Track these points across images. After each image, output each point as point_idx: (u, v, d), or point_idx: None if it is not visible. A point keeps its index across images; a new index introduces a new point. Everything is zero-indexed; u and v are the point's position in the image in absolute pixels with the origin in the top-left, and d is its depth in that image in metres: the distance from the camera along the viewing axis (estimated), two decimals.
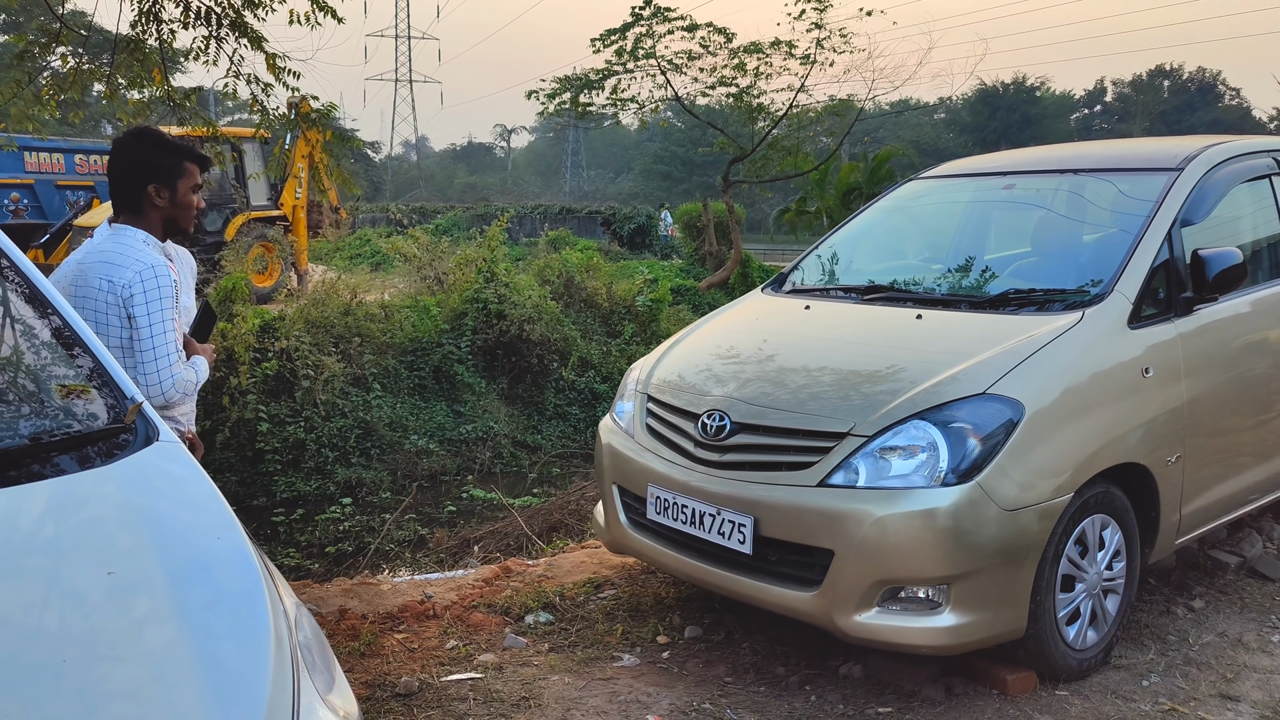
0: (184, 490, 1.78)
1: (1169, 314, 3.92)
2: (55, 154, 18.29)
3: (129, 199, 3.02)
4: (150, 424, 1.90)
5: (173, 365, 2.81)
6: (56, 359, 1.95)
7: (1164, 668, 3.76)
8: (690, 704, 3.54)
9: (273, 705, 1.42)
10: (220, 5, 8.05)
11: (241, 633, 1.50)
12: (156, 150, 3.03)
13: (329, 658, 1.72)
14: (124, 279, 2.80)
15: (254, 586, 1.57)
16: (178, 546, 1.62)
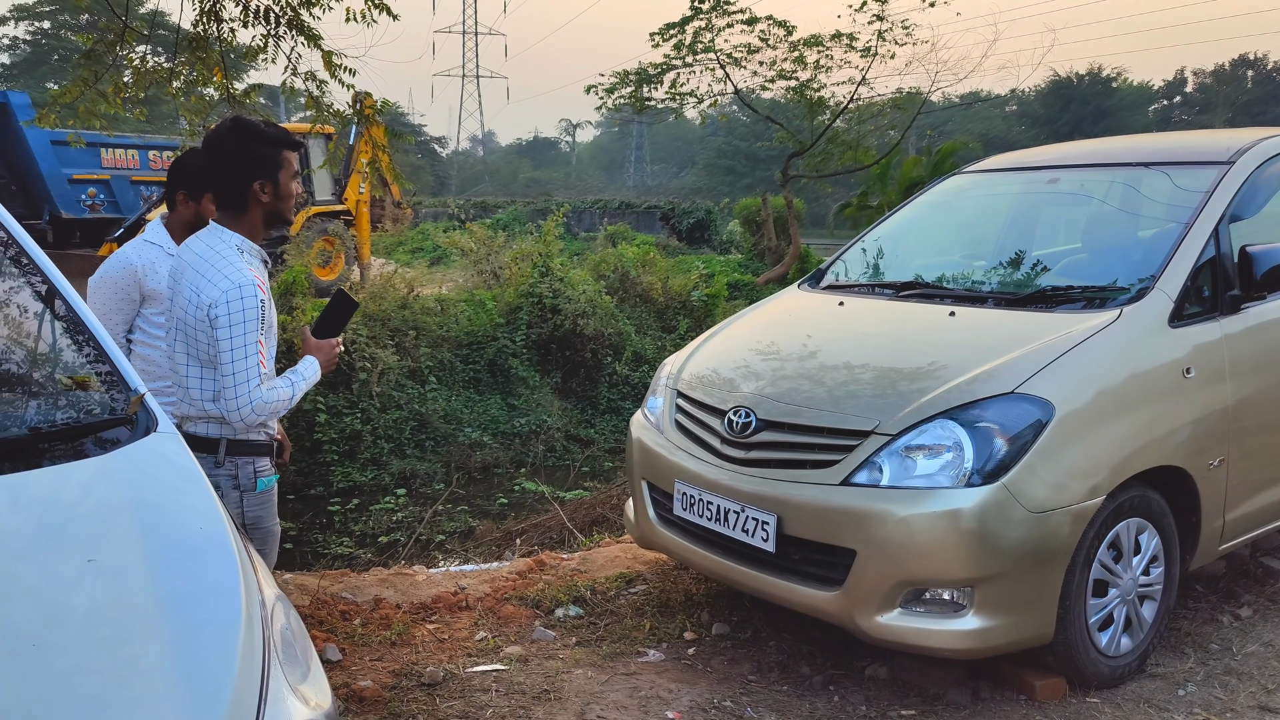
0: (173, 481, 1.84)
1: (1214, 312, 3.79)
2: (130, 150, 18.83)
3: (232, 197, 2.88)
4: (151, 415, 1.96)
5: (252, 391, 2.70)
6: (64, 350, 2.02)
7: (1202, 677, 3.65)
8: (711, 701, 3.53)
9: (238, 692, 1.46)
10: (279, 4, 8.19)
11: (213, 621, 1.54)
12: (255, 144, 2.86)
13: (307, 649, 1.75)
14: (210, 297, 2.69)
15: (230, 576, 1.61)
16: (160, 536, 1.67)
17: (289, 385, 2.82)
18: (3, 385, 1.93)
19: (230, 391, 2.68)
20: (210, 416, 2.77)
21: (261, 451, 2.85)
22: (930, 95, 18.72)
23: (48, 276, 2.13)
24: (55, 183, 17.32)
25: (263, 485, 2.84)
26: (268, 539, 2.89)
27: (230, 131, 2.84)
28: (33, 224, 17.25)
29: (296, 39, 8.27)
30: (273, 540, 2.91)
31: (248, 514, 2.83)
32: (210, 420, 2.78)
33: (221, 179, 2.87)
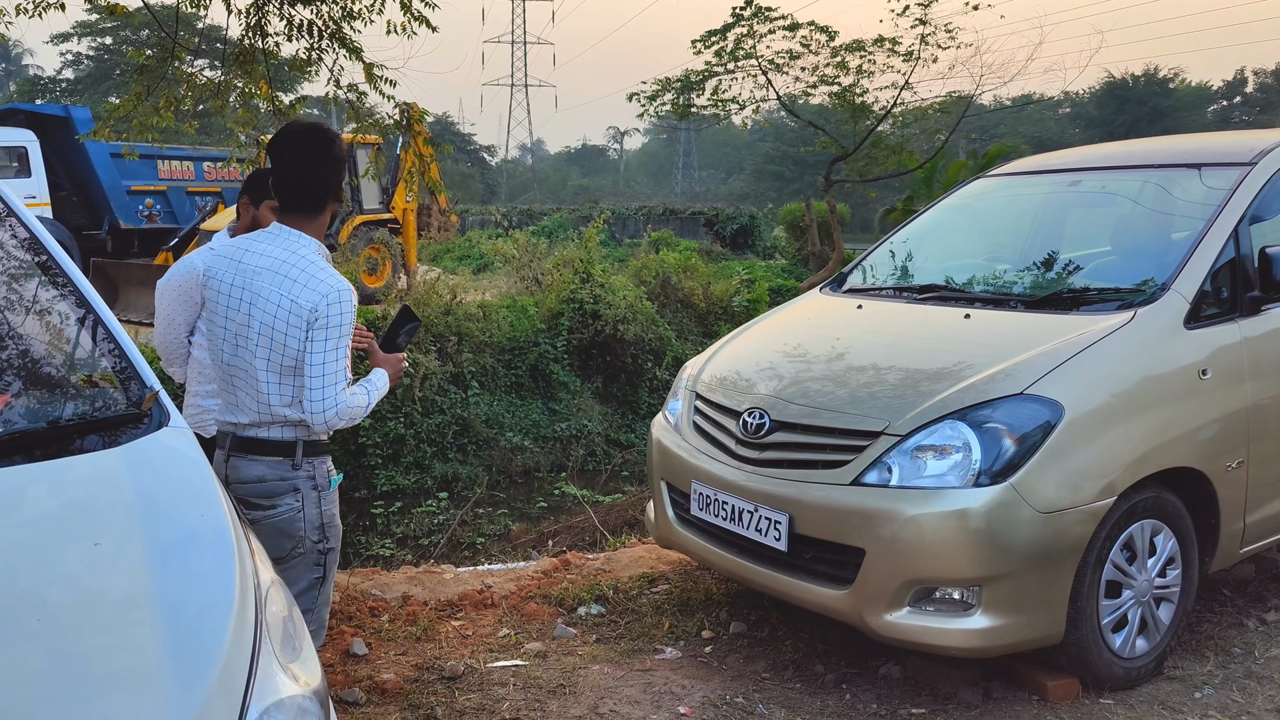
0: (180, 472, 1.95)
1: (1233, 314, 3.77)
2: (186, 162, 19.35)
3: (314, 200, 2.82)
4: (164, 411, 2.08)
5: (338, 395, 2.71)
6: (84, 349, 2.15)
7: (1221, 680, 3.63)
8: (723, 697, 3.59)
9: (228, 665, 1.56)
10: (321, 19, 8.40)
11: (207, 600, 1.65)
12: (335, 149, 2.83)
13: (301, 631, 1.86)
14: (310, 300, 2.66)
15: (226, 560, 1.72)
16: (163, 522, 1.78)
17: (365, 393, 2.84)
18: (26, 381, 2.06)
19: (318, 394, 2.68)
20: (287, 421, 2.76)
21: (329, 451, 2.91)
22: (978, 98, 18.59)
23: (72, 280, 2.27)
24: (115, 194, 17.87)
25: (334, 483, 2.90)
26: (339, 536, 2.93)
27: (325, 133, 2.83)
28: (92, 234, 17.80)
29: (339, 52, 8.47)
30: (340, 535, 2.96)
31: (325, 512, 2.86)
32: (286, 424, 2.77)
33: (302, 184, 2.80)
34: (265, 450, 2.77)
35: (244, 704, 1.55)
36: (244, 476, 2.79)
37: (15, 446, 1.85)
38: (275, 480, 2.78)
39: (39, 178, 16.75)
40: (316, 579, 2.88)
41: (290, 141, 2.79)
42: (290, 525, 2.79)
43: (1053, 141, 53.69)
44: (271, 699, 1.60)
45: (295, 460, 2.77)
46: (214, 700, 1.51)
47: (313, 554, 2.84)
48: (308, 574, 2.86)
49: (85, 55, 45.11)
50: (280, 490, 2.78)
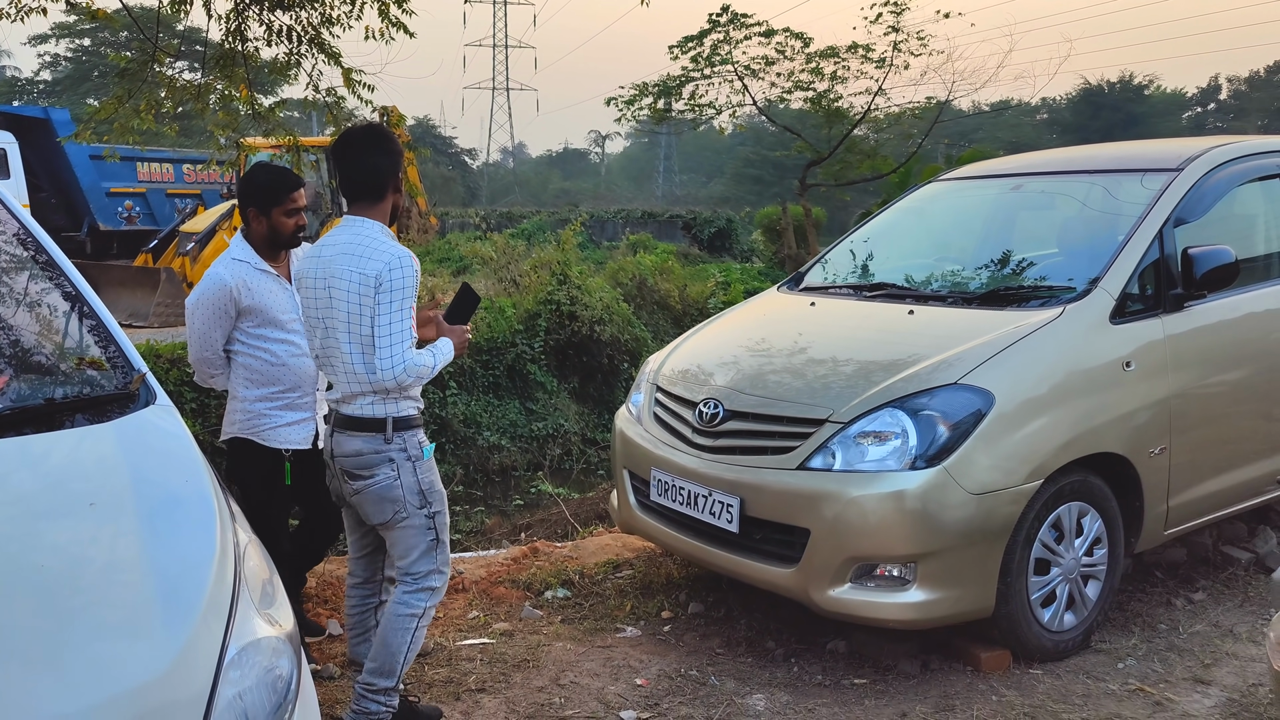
0: (165, 444, 2.16)
1: (1157, 310, 4.02)
2: (165, 164, 19.44)
3: (375, 191, 3.06)
4: (150, 391, 2.28)
5: (406, 352, 2.91)
6: (78, 336, 2.35)
7: (1144, 653, 3.87)
8: (678, 670, 3.81)
9: (210, 604, 1.78)
10: (300, 24, 8.57)
11: (191, 552, 1.85)
12: (394, 145, 3.10)
13: (275, 583, 2.07)
14: (375, 269, 2.89)
15: (208, 519, 1.93)
16: (150, 486, 1.99)
17: (431, 356, 3.06)
18: (23, 363, 2.26)
19: (385, 352, 2.90)
20: (375, 391, 2.98)
21: (419, 424, 3.13)
22: (952, 103, 18.91)
23: (65, 273, 2.47)
24: (94, 196, 17.96)
25: (427, 453, 3.14)
26: (443, 500, 3.17)
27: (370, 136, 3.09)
28: (72, 235, 17.87)
29: (317, 57, 8.65)
30: (444, 500, 3.18)
31: (422, 480, 3.09)
32: (376, 399, 3.00)
33: (365, 178, 3.04)
34: (360, 427, 3.03)
35: (224, 643, 1.76)
36: (345, 450, 3.05)
37: (15, 421, 2.05)
38: (371, 453, 3.02)
39: (18, 179, 16.82)
40: (431, 541, 3.13)
41: (353, 144, 3.08)
42: (389, 492, 3.03)
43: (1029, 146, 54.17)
44: (248, 639, 1.81)
45: (386, 435, 3.01)
46: (197, 640, 1.72)
47: (419, 518, 3.08)
48: (423, 538, 3.11)
49: (63, 57, 44.99)
50: (376, 462, 3.02)
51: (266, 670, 1.82)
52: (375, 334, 2.90)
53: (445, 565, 3.21)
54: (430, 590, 3.16)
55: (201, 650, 1.72)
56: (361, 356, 2.96)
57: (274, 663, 1.85)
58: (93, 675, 1.58)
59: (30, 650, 1.61)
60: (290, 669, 1.88)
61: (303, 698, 1.91)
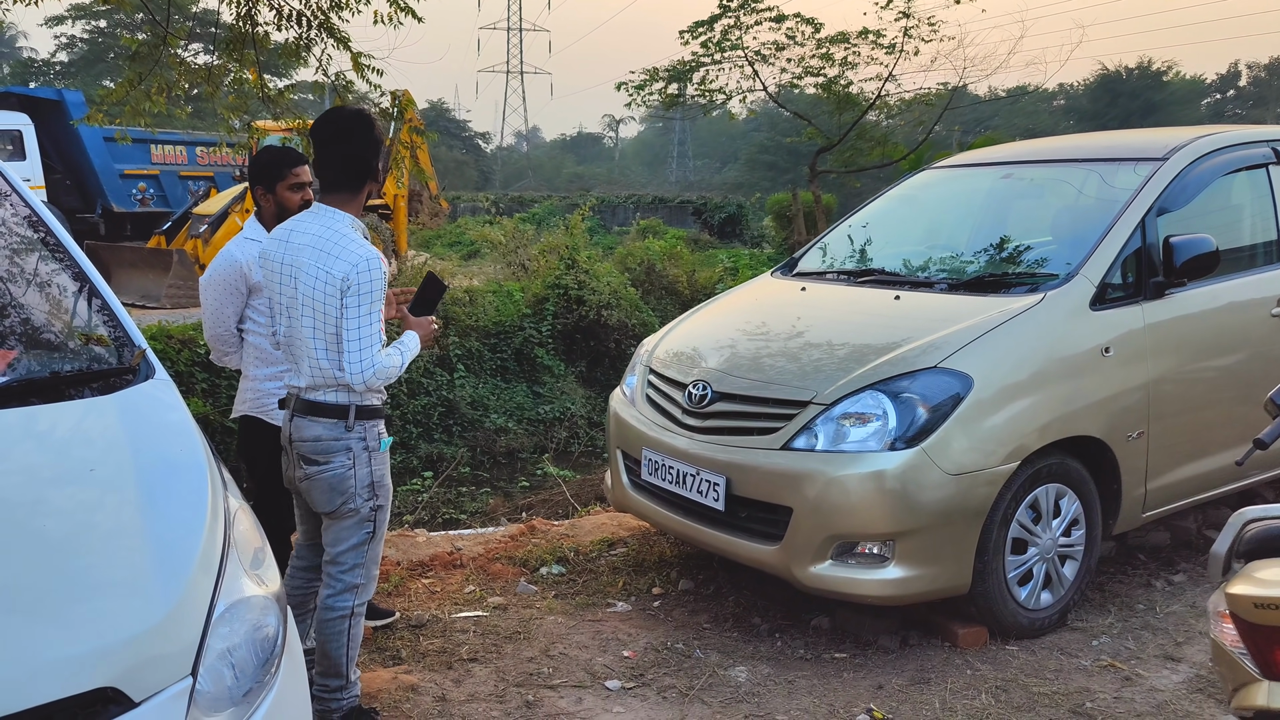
0: (163, 415, 2.29)
1: (1137, 297, 4.11)
2: (178, 146, 19.58)
3: (353, 180, 3.03)
4: (150, 366, 2.41)
5: (374, 355, 2.91)
6: (83, 314, 2.48)
7: (1119, 631, 3.97)
8: (665, 644, 3.93)
9: (202, 561, 1.91)
10: (309, 8, 8.66)
11: (184, 514, 1.98)
12: (375, 133, 3.04)
13: (263, 547, 2.20)
14: (342, 271, 2.87)
15: (200, 484, 2.06)
16: (147, 454, 2.12)
17: (398, 354, 3.07)
18: (30, 339, 2.40)
19: (354, 355, 2.90)
20: (340, 384, 3.00)
21: (381, 415, 3.16)
22: (967, 89, 18.88)
23: (70, 253, 2.60)
24: (108, 178, 18.12)
25: (384, 445, 3.15)
26: (388, 494, 3.18)
27: (360, 116, 3.06)
28: (85, 217, 18.06)
29: (326, 41, 8.74)
30: (389, 494, 3.20)
31: (375, 473, 3.08)
32: (340, 388, 2.99)
33: (345, 165, 3.01)
34: (322, 413, 3.03)
35: (213, 600, 1.89)
36: (304, 435, 3.05)
37: (22, 393, 2.18)
38: (330, 440, 3.01)
39: (33, 161, 16.99)
40: (367, 534, 3.11)
41: (333, 126, 3.02)
42: (341, 482, 3.03)
43: (1045, 133, 53.91)
44: (236, 596, 1.94)
45: (348, 423, 3.03)
46: (188, 596, 1.84)
47: (364, 510, 3.07)
48: (359, 531, 3.10)
49: (79, 38, 45.19)
50: (334, 449, 3.01)
51: (254, 627, 1.95)
52: (343, 337, 2.91)
53: (374, 562, 3.19)
54: (354, 589, 3.13)
55: (192, 605, 1.84)
56: (326, 352, 2.97)
57: (261, 620, 1.98)
58: (90, 627, 1.71)
59: (33, 604, 1.73)
60: (277, 626, 2.01)
61: (289, 654, 2.04)
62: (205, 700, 1.81)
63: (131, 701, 1.69)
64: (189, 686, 1.78)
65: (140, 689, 1.71)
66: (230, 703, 1.86)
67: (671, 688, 3.58)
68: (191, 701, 1.78)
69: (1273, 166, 4.67)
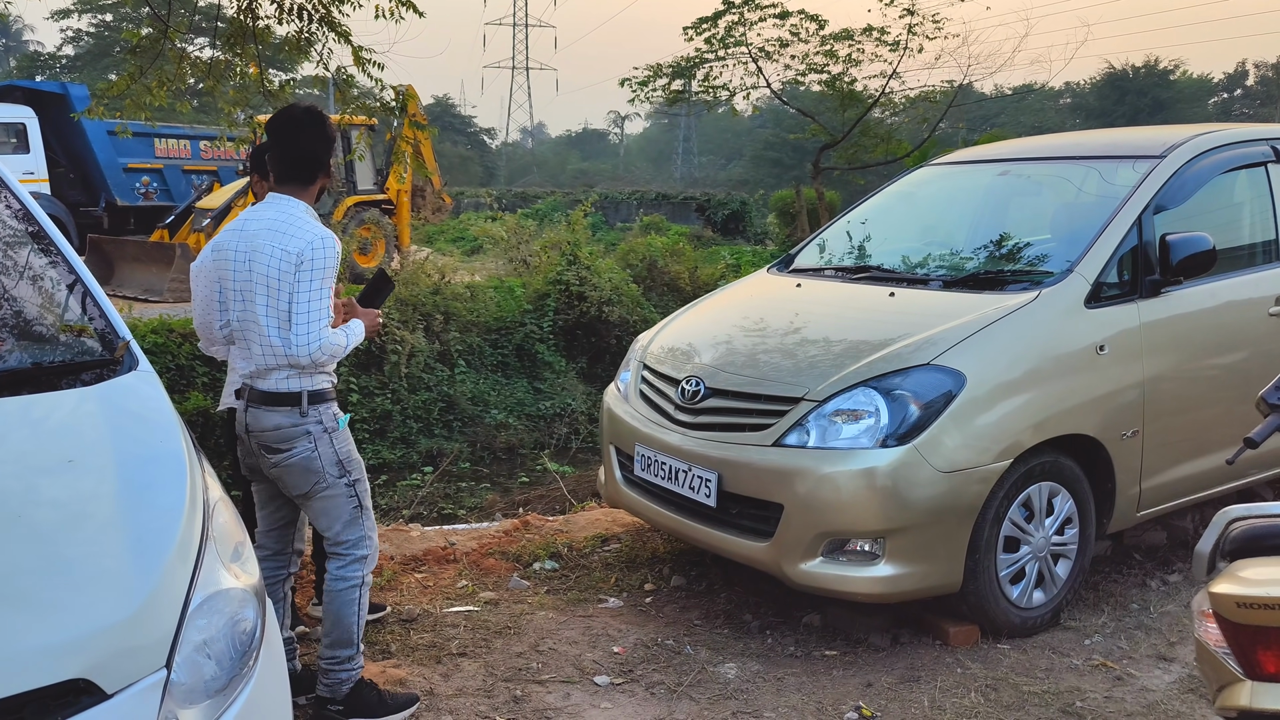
0: (145, 406, 2.29)
1: (1133, 295, 4.08)
2: (182, 140, 19.60)
3: (304, 173, 3.15)
4: (134, 358, 2.41)
5: (321, 331, 3.01)
6: (69, 306, 2.48)
7: (1112, 630, 3.96)
8: (655, 640, 3.92)
9: (178, 552, 1.91)
10: (311, 2, 8.64)
11: (162, 505, 1.98)
12: (327, 129, 3.16)
13: (244, 541, 2.19)
14: (297, 247, 2.97)
15: (179, 477, 2.06)
16: (127, 444, 2.12)
17: (344, 335, 3.16)
18: (17, 331, 2.40)
19: (303, 329, 2.99)
20: (291, 366, 3.07)
21: (333, 397, 3.24)
22: (970, 87, 18.82)
23: (58, 248, 2.60)
24: (111, 171, 18.14)
25: (342, 423, 3.24)
26: (361, 468, 3.27)
27: (312, 114, 3.17)
28: (89, 210, 18.09)
29: (327, 35, 8.72)
30: (362, 468, 3.29)
31: (339, 450, 3.19)
32: (291, 375, 3.10)
33: (298, 158, 3.13)
34: (276, 401, 3.11)
35: (189, 591, 1.88)
36: (262, 425, 3.12)
37: (6, 383, 2.18)
38: (289, 427, 3.10)
39: (37, 154, 17.02)
40: (355, 508, 3.23)
41: (288, 122, 3.16)
42: (309, 463, 3.11)
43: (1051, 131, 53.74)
44: (213, 589, 1.94)
45: (302, 409, 3.11)
46: (163, 587, 1.84)
47: (340, 487, 3.18)
48: (346, 506, 3.21)
49: (85, 32, 45.25)
50: (294, 435, 3.10)
51: (232, 619, 1.95)
52: (293, 310, 3.00)
53: (372, 531, 3.30)
54: (362, 559, 3.24)
55: (167, 597, 1.84)
56: (278, 331, 3.04)
57: (240, 612, 1.98)
58: (62, 618, 1.70)
59: (7, 593, 1.73)
60: (255, 619, 2.00)
61: (267, 646, 2.03)
62: (180, 692, 1.80)
63: (104, 693, 1.69)
64: (163, 678, 1.77)
65: (113, 681, 1.70)
66: (206, 695, 1.86)
67: (660, 684, 3.57)
68: (166, 693, 1.77)
69: (1271, 165, 4.64)
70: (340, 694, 3.24)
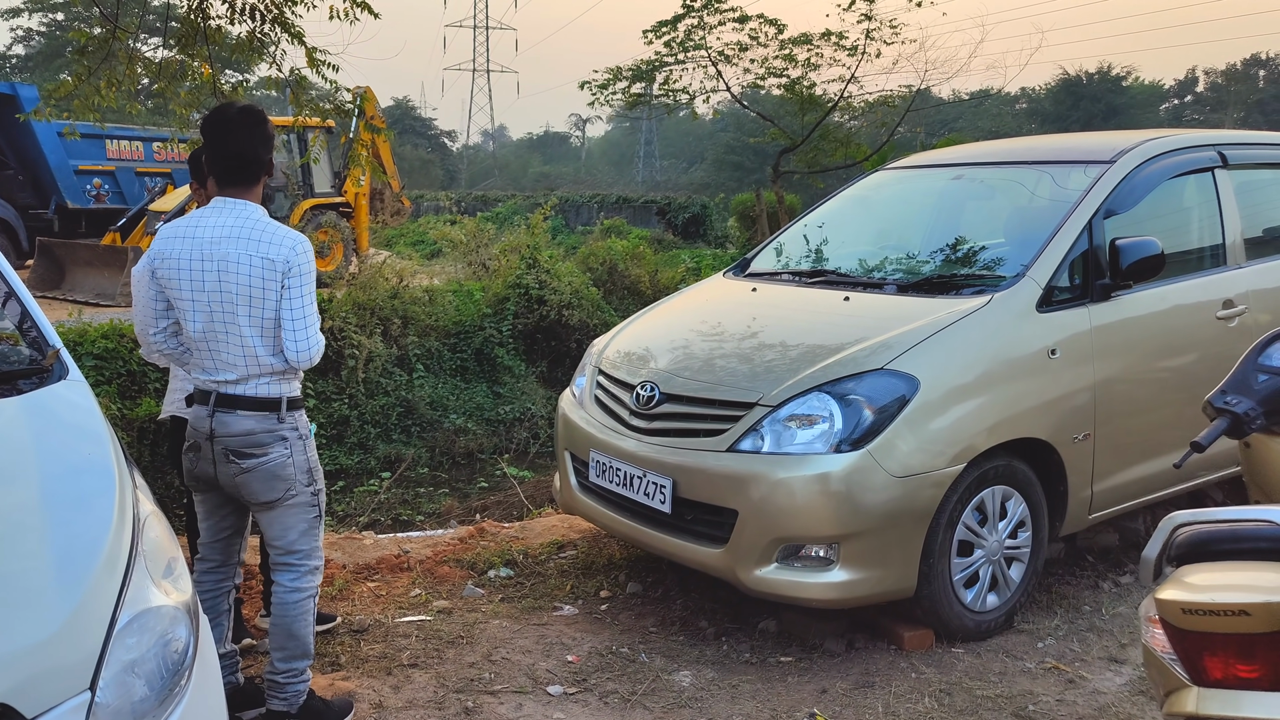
0: (74, 416, 2.21)
1: (1084, 299, 4.11)
2: (135, 142, 19.26)
3: (251, 174, 3.06)
4: (64, 366, 2.34)
5: (316, 333, 3.01)
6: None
7: (1065, 633, 3.98)
8: (610, 648, 3.88)
9: (104, 568, 1.84)
10: (263, 2, 8.51)
11: (88, 519, 1.91)
12: (267, 128, 3.09)
13: (176, 557, 2.13)
14: (283, 254, 2.92)
15: (107, 489, 1.99)
16: (54, 456, 2.05)
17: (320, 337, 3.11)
18: None
19: (301, 334, 2.96)
20: (273, 373, 3.01)
21: (304, 404, 3.20)
22: (927, 91, 18.98)
23: None
24: (62, 174, 17.77)
25: (312, 431, 3.21)
26: (321, 475, 3.21)
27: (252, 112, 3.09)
28: (39, 213, 17.71)
29: (280, 35, 8.59)
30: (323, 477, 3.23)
31: (310, 457, 3.14)
32: (271, 380, 3.03)
33: (242, 159, 3.03)
34: (253, 406, 3.03)
35: (116, 610, 1.82)
36: (233, 430, 3.02)
37: None
38: (263, 432, 3.02)
39: None
40: (314, 518, 3.18)
41: (226, 122, 3.04)
42: (282, 470, 3.04)
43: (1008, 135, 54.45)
44: (142, 606, 1.87)
45: (280, 414, 3.05)
46: (88, 605, 1.77)
47: (306, 495, 3.13)
48: (307, 514, 3.15)
49: (36, 31, 44.41)
50: (269, 441, 3.03)
51: (162, 637, 1.88)
52: (288, 318, 2.95)
53: (320, 541, 3.27)
54: (316, 570, 3.21)
55: (92, 615, 1.77)
56: (262, 340, 2.98)
57: (171, 631, 1.91)
58: None
59: None
60: (187, 637, 1.94)
61: (201, 665, 1.97)
62: (106, 714, 1.74)
63: (23, 717, 1.62)
64: (87, 700, 1.71)
65: (33, 704, 1.63)
66: (134, 717, 1.79)
67: (614, 693, 3.53)
68: (90, 716, 1.70)
69: (1218, 170, 4.70)
70: (296, 706, 3.17)
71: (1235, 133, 5.70)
